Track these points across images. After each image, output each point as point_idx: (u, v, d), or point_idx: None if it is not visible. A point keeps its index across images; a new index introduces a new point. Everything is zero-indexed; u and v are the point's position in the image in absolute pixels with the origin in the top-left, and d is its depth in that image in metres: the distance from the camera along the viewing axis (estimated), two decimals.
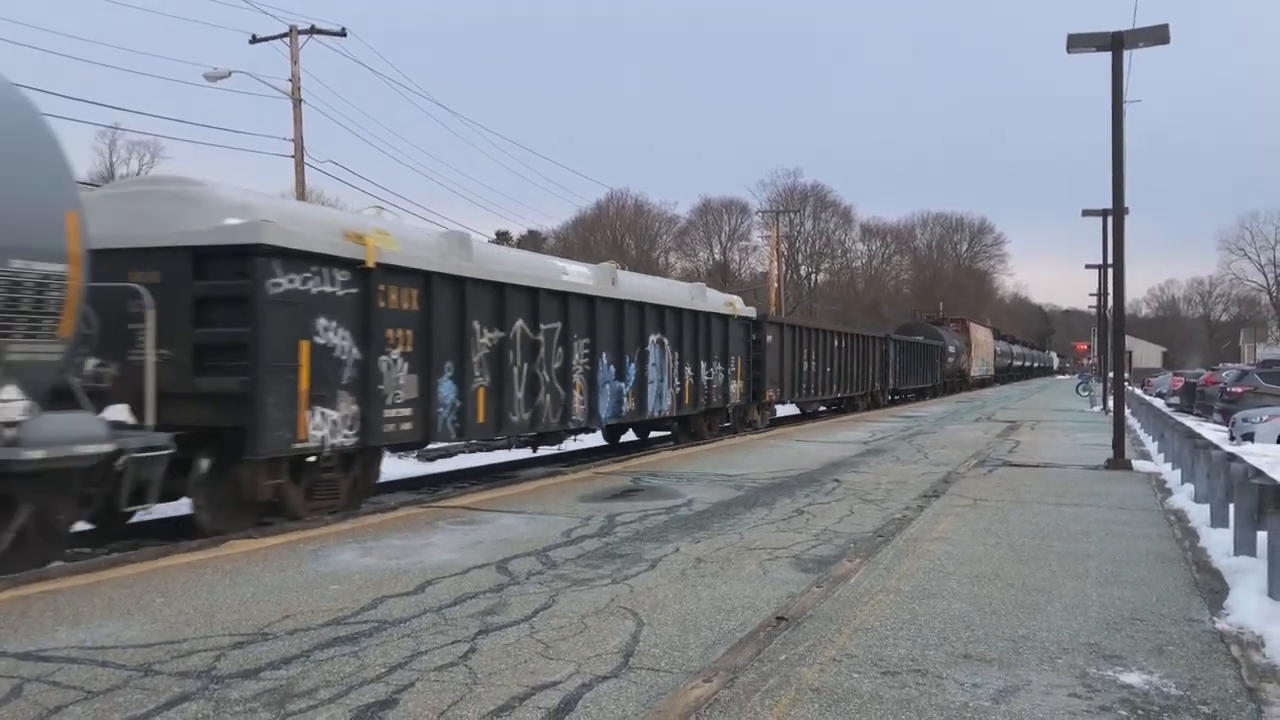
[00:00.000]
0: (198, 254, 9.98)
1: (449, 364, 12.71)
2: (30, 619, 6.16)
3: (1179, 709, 4.83)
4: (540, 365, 14.80)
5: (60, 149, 8.44)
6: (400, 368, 11.85)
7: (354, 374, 11.10)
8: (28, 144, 8.13)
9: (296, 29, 28.19)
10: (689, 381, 20.39)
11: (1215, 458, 10.45)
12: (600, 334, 16.66)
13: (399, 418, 11.75)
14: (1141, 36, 15.82)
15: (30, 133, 8.23)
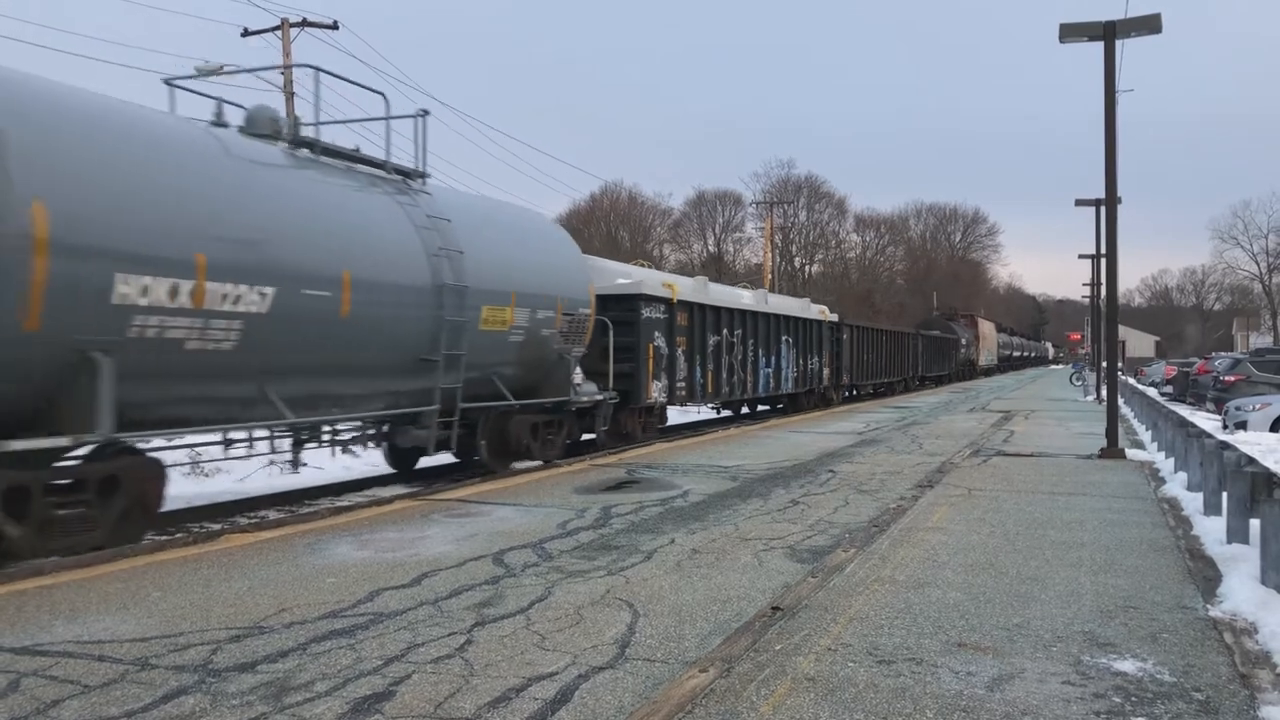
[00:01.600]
0: (610, 299, 18.16)
1: (698, 357, 21.49)
2: (26, 613, 6.16)
3: (1172, 696, 4.86)
4: (734, 357, 23.70)
5: (578, 250, 17.11)
6: (680, 359, 20.56)
7: (665, 364, 19.89)
8: (571, 251, 16.62)
9: (288, 22, 28.12)
10: (801, 369, 28.89)
11: (1208, 446, 10.49)
12: (759, 337, 25.27)
13: (680, 388, 20.67)
14: (1133, 26, 15.84)
15: (568, 244, 16.81)
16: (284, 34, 28.01)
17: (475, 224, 14.01)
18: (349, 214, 11.65)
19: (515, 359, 14.68)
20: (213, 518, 11.82)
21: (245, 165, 10.41)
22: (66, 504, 8.60)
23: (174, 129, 9.96)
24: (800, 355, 28.55)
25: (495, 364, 14.23)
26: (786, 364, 27.40)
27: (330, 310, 10.91)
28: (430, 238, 12.61)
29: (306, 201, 11.06)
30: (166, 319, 9.02)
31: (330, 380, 11.43)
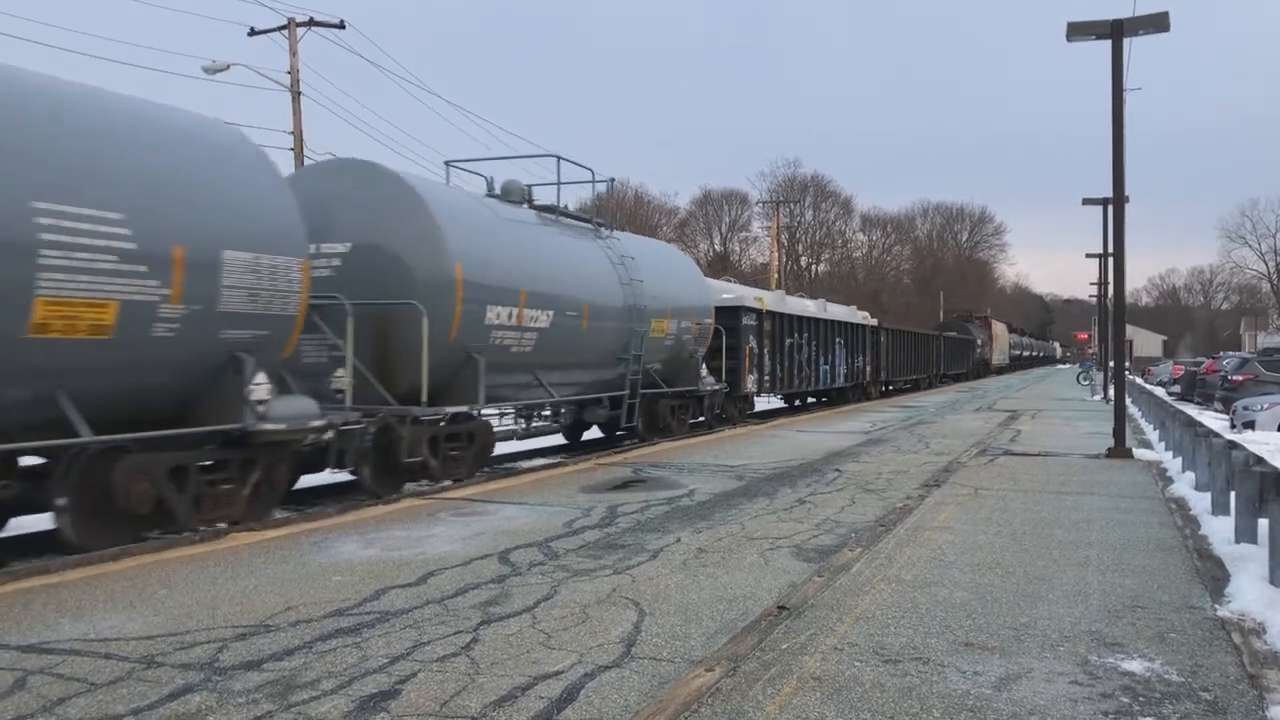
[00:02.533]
0: (722, 310, 22.91)
1: (777, 356, 26.22)
2: (33, 611, 6.17)
3: (1180, 696, 4.84)
4: (802, 356, 28.29)
5: (701, 274, 22.38)
6: (765, 358, 25.28)
7: (756, 361, 24.53)
8: (698, 275, 21.80)
9: (295, 21, 28.14)
10: (849, 366, 33.34)
11: (1216, 445, 10.45)
12: (819, 340, 29.96)
13: (765, 381, 25.47)
14: (1141, 24, 15.77)
15: (695, 270, 22.31)
16: (290, 34, 28.05)
17: (645, 258, 19.04)
18: (582, 258, 16.92)
19: (665, 357, 19.80)
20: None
21: (525, 227, 15.80)
22: (452, 449, 13.64)
23: (497, 209, 15.38)
24: (849, 355, 33.39)
25: (654, 361, 19.22)
26: (839, 362, 32.28)
27: (576, 326, 16.21)
28: (622, 271, 17.79)
29: (560, 250, 16.42)
30: (506, 333, 14.40)
31: (570, 372, 16.64)
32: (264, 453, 10.23)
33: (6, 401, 8.11)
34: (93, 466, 8.68)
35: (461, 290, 13.16)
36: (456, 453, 13.65)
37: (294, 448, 10.66)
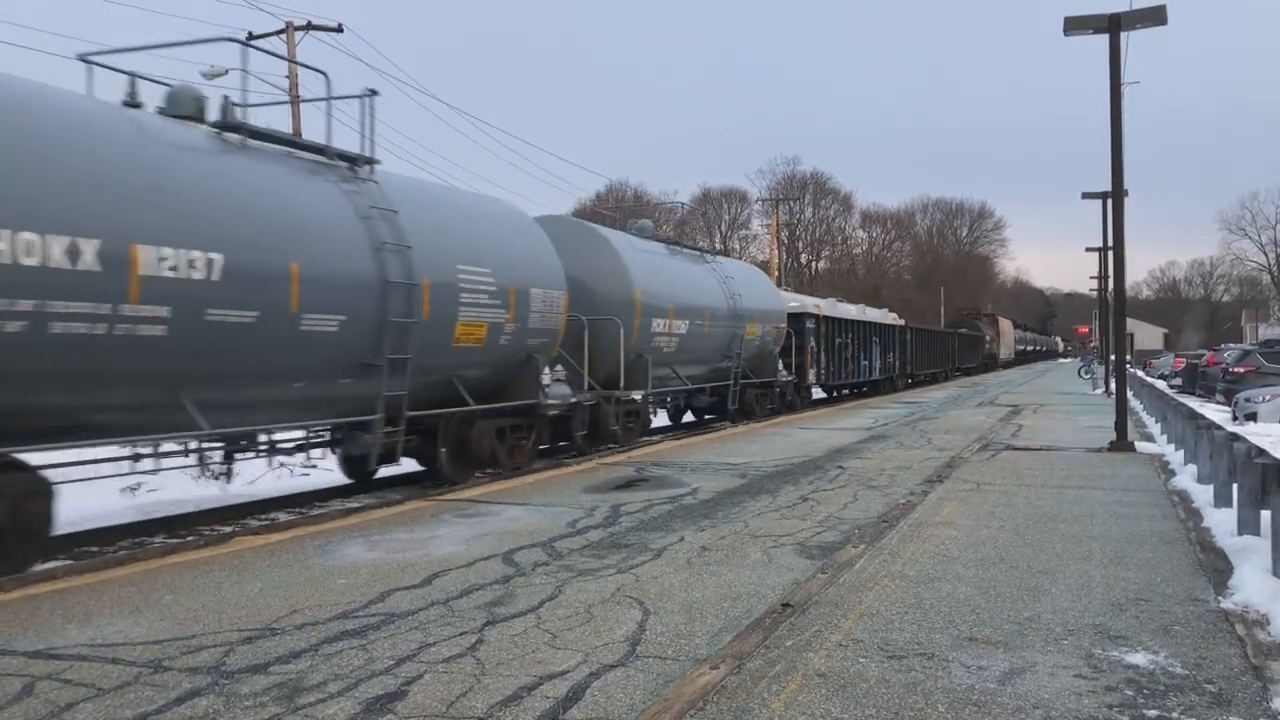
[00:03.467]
0: (790, 315, 27.27)
1: (829, 353, 30.65)
2: (40, 617, 6.19)
3: (1184, 688, 4.85)
4: (847, 354, 32.84)
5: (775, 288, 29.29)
6: (821, 355, 29.70)
7: (815, 357, 28.98)
8: (774, 289, 28.65)
9: (293, 25, 28.15)
10: (883, 362, 37.82)
11: (1218, 438, 10.46)
12: (860, 340, 34.62)
13: (821, 374, 30.02)
14: (1139, 18, 15.77)
15: (772, 285, 28.60)
16: (289, 38, 28.05)
17: (739, 277, 24.24)
18: (701, 280, 22.10)
19: (753, 354, 24.50)
20: (224, 520, 11.85)
21: (665, 259, 21.18)
22: (629, 422, 18.28)
23: (650, 248, 20.72)
24: (883, 352, 37.93)
25: (745, 358, 23.89)
26: (875, 358, 36.76)
27: (701, 331, 21.10)
28: (725, 288, 22.73)
29: (688, 275, 21.47)
30: (662, 338, 19.37)
31: (695, 366, 21.53)
32: (542, 420, 15.01)
33: (432, 385, 12.66)
34: (460, 426, 13.39)
35: (640, 310, 18.43)
36: (631, 425, 18.30)
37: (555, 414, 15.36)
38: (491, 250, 13.66)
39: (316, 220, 10.79)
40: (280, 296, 10.03)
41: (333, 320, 10.66)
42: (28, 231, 7.76)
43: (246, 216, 9.87)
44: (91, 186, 8.41)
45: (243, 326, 9.62)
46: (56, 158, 8.27)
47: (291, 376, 10.58)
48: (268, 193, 10.35)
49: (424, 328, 11.91)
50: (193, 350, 9.25)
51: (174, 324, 8.93)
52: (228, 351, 9.61)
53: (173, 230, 8.96)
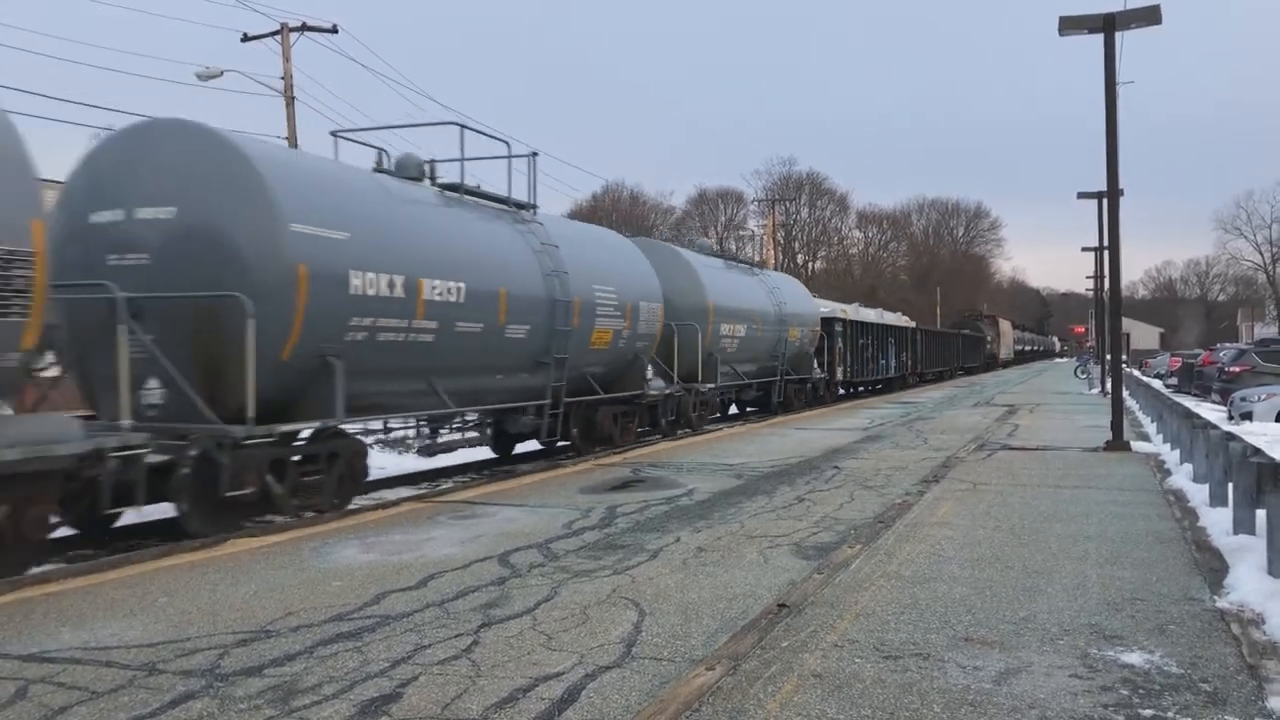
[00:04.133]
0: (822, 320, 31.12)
1: (853, 353, 34.17)
2: (34, 621, 6.17)
3: (1180, 687, 4.85)
4: (868, 354, 36.57)
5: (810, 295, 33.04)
6: (846, 351, 33.13)
7: (843, 357, 32.99)
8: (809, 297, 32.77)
9: (288, 26, 28.12)
10: (897, 361, 41.39)
11: (1214, 437, 10.47)
12: (879, 341, 38.54)
13: (846, 370, 33.69)
14: (1133, 18, 15.78)
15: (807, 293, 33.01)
16: (284, 39, 28.02)
17: (783, 287, 28.28)
18: (755, 291, 25.92)
19: (793, 354, 28.12)
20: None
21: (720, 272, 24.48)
22: (702, 407, 21.79)
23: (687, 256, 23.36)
24: (897, 352, 41.52)
25: (788, 357, 27.71)
26: (891, 358, 40.50)
27: (756, 334, 25.03)
28: (773, 298, 26.58)
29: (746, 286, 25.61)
30: (727, 339, 23.02)
31: (752, 364, 25.40)
32: (643, 407, 18.90)
33: (574, 380, 15.99)
34: (588, 411, 17.10)
35: (714, 315, 22.32)
36: (703, 413, 22.16)
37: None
38: (614, 273, 17.62)
39: (511, 255, 14.54)
40: (494, 312, 13.74)
41: (522, 329, 14.41)
42: (370, 272, 11.41)
43: (476, 254, 13.63)
44: (396, 238, 12.08)
45: (473, 334, 13.33)
46: (378, 215, 12.02)
47: (496, 370, 14.22)
48: (483, 235, 14.19)
49: (575, 334, 15.76)
50: (445, 351, 12.80)
51: (438, 333, 12.55)
52: (464, 352, 13.24)
53: (440, 266, 12.64)
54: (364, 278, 11.20)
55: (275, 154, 11.59)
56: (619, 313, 17.33)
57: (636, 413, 18.78)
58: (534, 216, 15.87)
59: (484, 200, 15.11)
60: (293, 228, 10.36)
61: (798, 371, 28.63)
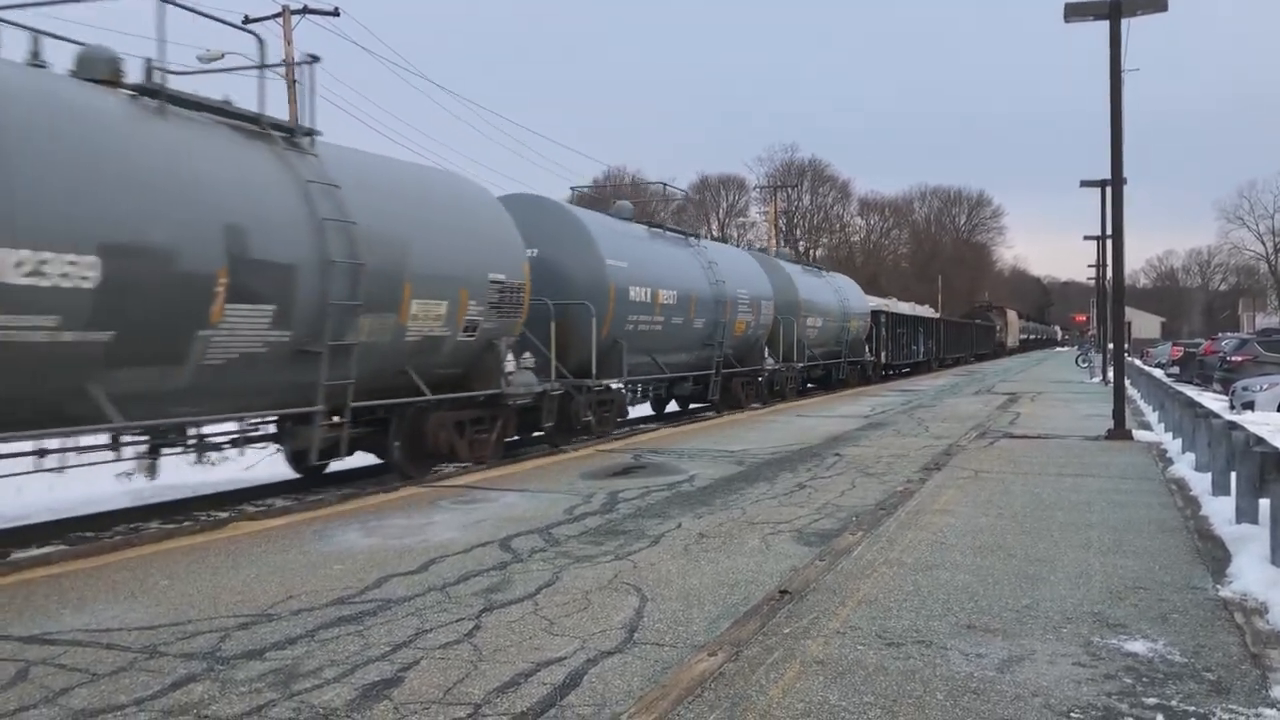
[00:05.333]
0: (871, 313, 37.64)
1: (892, 339, 40.99)
2: (35, 602, 6.16)
3: (1183, 676, 4.84)
4: (902, 340, 43.00)
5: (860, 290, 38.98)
6: (887, 339, 40.00)
7: (885, 343, 39.60)
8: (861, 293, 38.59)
9: (289, 9, 28.00)
10: (924, 347, 47.29)
11: (1216, 426, 10.45)
12: (911, 329, 44.76)
13: (888, 355, 40.30)
14: (1139, 4, 15.72)
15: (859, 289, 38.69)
16: (285, 21, 27.92)
17: (845, 288, 34.31)
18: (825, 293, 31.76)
19: (851, 340, 33.68)
20: (220, 506, 11.85)
21: (806, 276, 30.99)
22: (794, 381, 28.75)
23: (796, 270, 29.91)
24: (925, 339, 47.93)
25: (847, 344, 33.34)
26: (920, 344, 46.79)
27: (826, 325, 30.82)
28: (838, 298, 32.38)
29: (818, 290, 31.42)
30: (810, 330, 29.51)
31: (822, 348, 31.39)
32: (760, 382, 25.62)
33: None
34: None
35: (803, 310, 28.58)
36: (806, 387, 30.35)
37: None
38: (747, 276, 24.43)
39: (698, 271, 21.21)
40: (687, 310, 20.32)
41: (700, 321, 21.02)
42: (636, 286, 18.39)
43: (682, 272, 20.40)
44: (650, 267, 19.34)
45: (681, 324, 20.12)
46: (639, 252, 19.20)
47: (685, 351, 20.88)
48: (686, 259, 21.22)
49: (726, 324, 22.20)
50: (669, 337, 19.67)
51: (665, 325, 19.38)
52: (675, 338, 20.05)
53: (669, 280, 19.62)
54: (636, 290, 18.17)
55: (595, 218, 18.57)
56: (750, 307, 23.71)
57: (755, 384, 25.23)
58: (699, 240, 23.15)
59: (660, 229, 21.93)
60: (608, 262, 17.28)
61: (853, 355, 34.49)
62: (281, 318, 10.10)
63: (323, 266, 10.47)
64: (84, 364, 8.42)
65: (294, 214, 10.35)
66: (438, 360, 12.94)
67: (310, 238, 10.41)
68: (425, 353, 12.58)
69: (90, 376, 8.52)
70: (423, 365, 12.56)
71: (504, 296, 13.88)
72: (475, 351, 13.65)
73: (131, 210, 8.62)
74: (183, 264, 9.00)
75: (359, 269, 10.86)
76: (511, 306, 14.12)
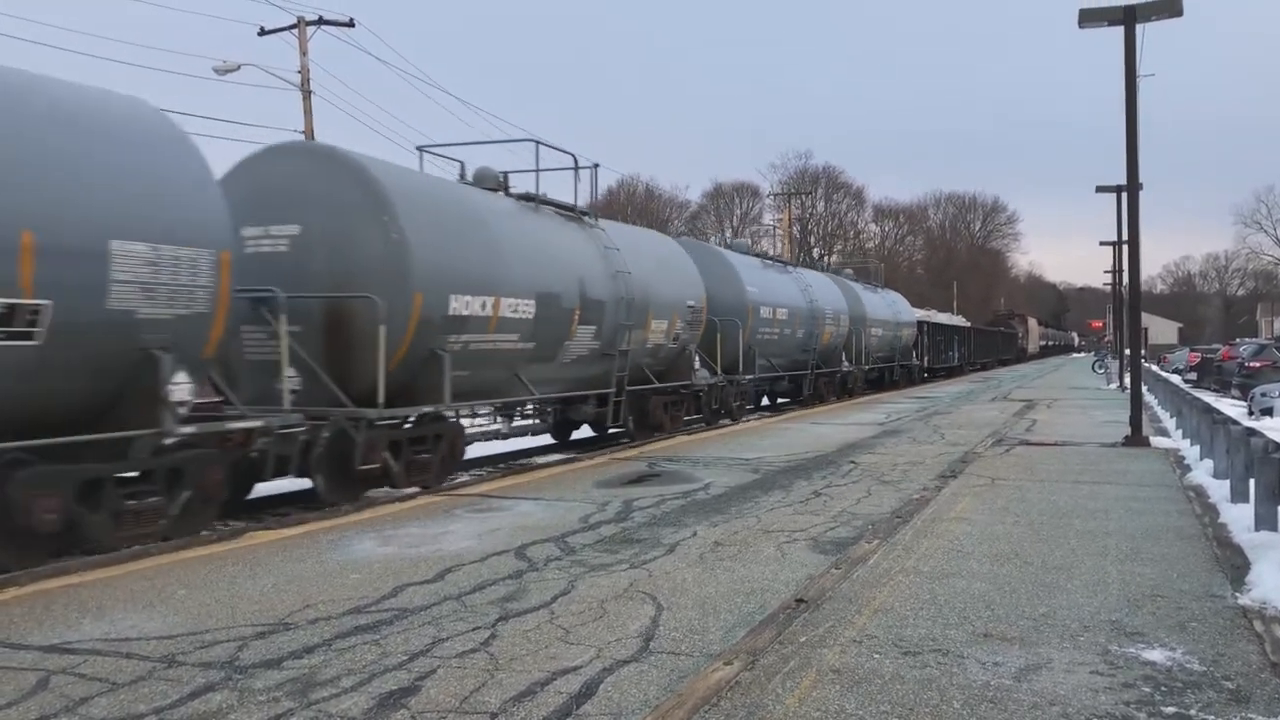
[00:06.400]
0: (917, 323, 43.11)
1: (933, 346, 47.48)
2: (54, 612, 6.20)
3: (1202, 685, 4.81)
4: (940, 347, 49.27)
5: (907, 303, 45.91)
6: (928, 344, 45.72)
7: (927, 349, 45.38)
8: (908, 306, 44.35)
9: (305, 20, 28.18)
10: (958, 353, 53.01)
11: (1234, 433, 10.38)
12: (948, 337, 51.74)
13: (929, 360, 46.30)
14: (1154, 10, 15.66)
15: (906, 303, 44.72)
16: (300, 33, 28.08)
17: (898, 302, 40.50)
18: (878, 306, 36.55)
19: (902, 348, 39.28)
20: None
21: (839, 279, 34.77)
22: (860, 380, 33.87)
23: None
24: (958, 346, 53.83)
25: (899, 350, 38.77)
26: (954, 350, 52.85)
27: (882, 334, 36.29)
28: (892, 311, 38.05)
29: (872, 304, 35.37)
30: (872, 339, 34.49)
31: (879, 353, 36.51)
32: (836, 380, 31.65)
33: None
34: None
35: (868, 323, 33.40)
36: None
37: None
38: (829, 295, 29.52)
39: (796, 292, 26.21)
40: (794, 324, 25.56)
41: (801, 332, 26.32)
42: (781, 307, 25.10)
43: (788, 293, 25.66)
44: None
45: (790, 334, 25.57)
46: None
47: (790, 355, 25.86)
48: (788, 283, 26.39)
49: (817, 334, 27.41)
50: (782, 344, 25.21)
51: (780, 335, 24.77)
52: (785, 345, 25.46)
53: (783, 300, 25.04)
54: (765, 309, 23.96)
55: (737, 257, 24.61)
56: (833, 320, 28.99)
57: (834, 382, 29.87)
58: (797, 269, 27.46)
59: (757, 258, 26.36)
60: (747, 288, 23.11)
61: (901, 359, 39.54)
62: (597, 333, 16.06)
63: (615, 301, 16.48)
64: (521, 361, 14.27)
65: (601, 269, 16.36)
66: (656, 360, 18.88)
67: (609, 283, 16.46)
68: (653, 354, 18.67)
69: (521, 368, 14.35)
70: (650, 363, 18.67)
71: (693, 316, 19.84)
72: (676, 354, 19.57)
73: (545, 272, 14.61)
74: (563, 302, 14.96)
75: (631, 302, 16.95)
76: (697, 323, 20.09)
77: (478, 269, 13.00)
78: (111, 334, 8.47)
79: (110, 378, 8.64)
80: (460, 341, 12.67)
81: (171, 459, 9.18)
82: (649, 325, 17.86)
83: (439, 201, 13.13)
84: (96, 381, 8.59)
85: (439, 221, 12.60)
